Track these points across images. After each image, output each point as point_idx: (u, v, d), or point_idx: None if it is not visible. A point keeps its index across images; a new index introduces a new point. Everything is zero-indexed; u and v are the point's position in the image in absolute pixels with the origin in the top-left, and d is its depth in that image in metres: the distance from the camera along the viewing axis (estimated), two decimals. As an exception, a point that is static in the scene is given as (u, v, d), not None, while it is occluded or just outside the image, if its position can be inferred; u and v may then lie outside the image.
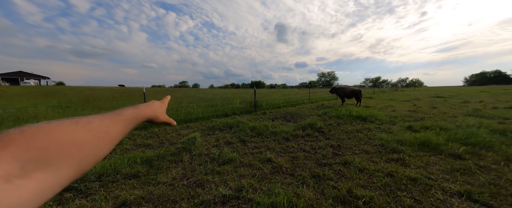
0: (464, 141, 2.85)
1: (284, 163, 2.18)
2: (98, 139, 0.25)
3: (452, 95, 12.52)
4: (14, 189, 0.16)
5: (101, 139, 0.26)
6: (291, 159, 2.36)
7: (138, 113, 0.35)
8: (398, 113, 5.87)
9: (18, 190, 0.17)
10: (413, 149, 2.67)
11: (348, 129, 3.88)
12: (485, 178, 1.88)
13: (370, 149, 2.71)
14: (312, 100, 9.60)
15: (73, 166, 0.22)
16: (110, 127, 0.28)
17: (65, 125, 0.23)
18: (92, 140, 0.25)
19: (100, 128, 0.26)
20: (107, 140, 0.27)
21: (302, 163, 2.23)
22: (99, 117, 0.28)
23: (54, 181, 0.20)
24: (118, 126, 0.29)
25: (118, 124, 0.29)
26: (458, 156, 2.41)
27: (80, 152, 0.23)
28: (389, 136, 3.27)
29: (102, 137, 0.26)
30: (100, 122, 0.27)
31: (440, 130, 3.53)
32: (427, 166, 2.18)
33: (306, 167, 2.13)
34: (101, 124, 0.27)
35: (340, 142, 3.08)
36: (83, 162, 0.23)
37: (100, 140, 0.26)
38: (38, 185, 0.18)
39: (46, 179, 0.19)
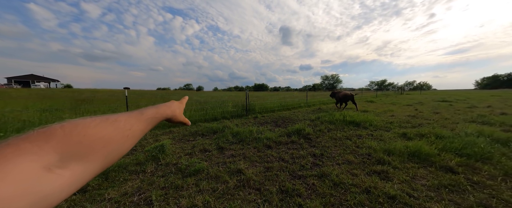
0: (460, 152, 2.61)
1: (254, 176, 2.02)
2: (123, 136, 0.27)
3: (459, 100, 11.97)
4: (53, 177, 0.18)
5: (125, 136, 0.27)
6: (264, 170, 2.19)
7: (158, 112, 0.37)
8: (396, 118, 5.58)
9: (57, 178, 0.19)
10: (401, 160, 2.45)
11: (337, 136, 3.67)
12: (475, 197, 1.66)
13: (354, 159, 2.51)
14: (309, 104, 9.36)
15: (100, 160, 0.24)
16: (133, 125, 0.29)
17: (96, 122, 0.25)
18: (118, 137, 0.26)
19: (125, 126, 0.28)
20: (130, 137, 0.28)
21: (274, 175, 2.06)
22: (125, 115, 0.30)
23: (85, 172, 0.22)
24: (141, 124, 0.31)
25: (140, 122, 0.31)
26: (450, 169, 2.18)
27: (106, 147, 0.25)
28: (378, 144, 3.05)
29: (126, 134, 0.28)
30: (125, 120, 0.29)
31: (435, 138, 3.27)
32: (412, 180, 1.97)
33: (277, 180, 1.96)
34: (126, 122, 0.28)
35: (325, 150, 2.88)
36: (108, 156, 0.25)
37: (124, 137, 0.27)
38: (72, 175, 0.20)
39: (79, 170, 0.21)
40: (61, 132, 0.21)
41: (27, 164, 0.17)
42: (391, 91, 38.44)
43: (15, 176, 0.16)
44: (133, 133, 0.29)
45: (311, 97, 13.40)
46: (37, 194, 0.17)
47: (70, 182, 0.20)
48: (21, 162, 0.17)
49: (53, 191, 0.18)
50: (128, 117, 0.30)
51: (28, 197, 0.16)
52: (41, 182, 0.17)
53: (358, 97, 15.91)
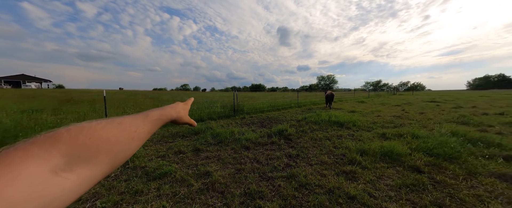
0: (431, 151, 2.66)
1: (221, 178, 2.00)
2: (128, 138, 0.27)
3: (447, 100, 12.22)
4: (60, 181, 0.19)
5: (131, 138, 0.28)
6: (235, 172, 2.18)
7: (163, 114, 0.37)
8: (381, 119, 5.66)
9: (63, 182, 0.19)
10: (373, 160, 2.48)
11: (318, 136, 3.70)
12: (432, 197, 1.69)
13: (328, 160, 2.53)
14: (300, 105, 9.40)
15: (106, 162, 0.24)
16: (139, 127, 0.30)
17: (102, 125, 0.25)
18: (124, 139, 0.27)
19: (130, 128, 0.28)
20: (136, 139, 0.29)
21: (243, 177, 2.05)
22: (130, 117, 0.30)
23: (91, 175, 0.22)
24: (146, 126, 0.31)
25: (146, 124, 0.31)
26: (417, 168, 2.22)
27: (113, 149, 0.25)
28: (356, 145, 3.08)
29: (132, 136, 0.28)
30: (131, 122, 0.29)
31: (412, 138, 3.33)
32: (378, 180, 2.00)
33: (245, 182, 1.95)
34: (132, 124, 0.29)
35: (302, 151, 2.90)
36: (115, 158, 0.25)
37: (130, 139, 0.28)
38: (79, 178, 0.21)
39: (86, 173, 0.21)
40: (67, 136, 0.21)
41: (35, 168, 0.17)
42: (384, 92, 39.00)
43: (23, 180, 0.16)
44: (138, 135, 0.29)
45: (304, 98, 13.48)
46: (45, 198, 0.17)
47: (76, 185, 0.20)
48: (28, 166, 0.17)
49: (60, 194, 0.19)
50: (134, 119, 0.30)
51: (36, 201, 0.16)
52: (48, 185, 0.18)
53: (351, 98, 16.08)
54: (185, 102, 0.50)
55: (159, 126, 0.35)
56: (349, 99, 14.13)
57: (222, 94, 25.43)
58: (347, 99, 14.41)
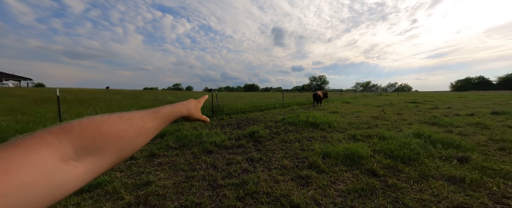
0: (392, 153, 2.65)
1: (161, 189, 1.85)
2: (136, 133, 0.28)
3: (427, 101, 12.69)
4: (68, 169, 0.20)
5: (138, 133, 0.29)
6: (183, 180, 2.03)
7: (174, 110, 0.38)
8: (359, 119, 5.72)
9: (71, 170, 0.21)
10: (334, 163, 2.43)
11: (289, 138, 3.63)
12: (377, 203, 1.64)
13: (289, 164, 2.45)
14: (285, 105, 9.38)
15: (113, 154, 0.25)
16: (147, 123, 0.31)
17: (112, 119, 0.26)
18: (131, 133, 0.28)
19: (139, 123, 0.29)
20: (144, 134, 0.30)
21: (188, 186, 1.90)
22: (140, 113, 0.31)
23: (98, 165, 0.24)
24: (155, 121, 0.33)
25: (154, 120, 0.33)
26: (373, 172, 2.18)
27: (120, 143, 0.26)
28: (323, 147, 3.03)
29: (140, 131, 0.29)
30: (140, 117, 0.30)
31: (378, 140, 3.34)
32: (330, 185, 1.93)
33: (187, 193, 1.79)
34: (140, 119, 0.30)
35: (266, 154, 2.81)
36: (121, 152, 0.26)
37: (137, 134, 0.29)
38: (86, 167, 0.22)
39: (92, 163, 0.23)
40: (79, 127, 0.23)
41: (47, 154, 0.19)
42: (370, 92, 40.23)
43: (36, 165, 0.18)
44: (146, 130, 0.30)
45: (292, 98, 13.51)
46: (53, 183, 0.19)
47: (83, 173, 0.22)
48: (42, 152, 0.19)
49: (67, 181, 0.20)
50: (143, 114, 0.31)
51: (46, 185, 0.18)
52: (57, 172, 0.19)
53: (337, 98, 16.35)
54: (198, 100, 0.51)
55: (169, 122, 0.37)
56: (335, 100, 14.34)
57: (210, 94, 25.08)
58: (334, 99, 14.61)
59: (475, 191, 1.78)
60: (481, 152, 2.75)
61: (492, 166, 2.26)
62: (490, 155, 2.65)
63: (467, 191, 1.79)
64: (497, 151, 2.83)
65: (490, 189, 1.81)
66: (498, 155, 2.67)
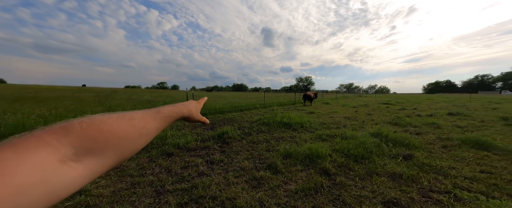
0: (348, 152, 2.79)
1: (96, 198, 1.72)
2: (137, 134, 0.28)
3: (398, 102, 13.71)
4: (67, 170, 0.20)
5: (139, 133, 0.28)
6: (127, 187, 1.90)
7: (175, 111, 0.38)
8: (332, 120, 5.96)
9: (70, 171, 0.20)
10: (293, 163, 2.49)
11: (258, 139, 3.66)
12: (319, 201, 1.71)
13: (249, 165, 2.45)
14: (266, 105, 9.47)
15: (114, 155, 0.25)
16: (148, 123, 0.30)
17: (113, 119, 0.26)
18: (132, 134, 0.27)
19: (140, 124, 0.29)
20: (145, 135, 0.29)
21: (130, 194, 1.78)
22: (141, 113, 0.31)
23: (98, 166, 0.23)
24: (156, 122, 0.32)
25: (156, 120, 0.32)
26: (326, 171, 2.28)
27: (121, 144, 0.26)
28: (288, 147, 3.09)
29: (141, 132, 0.29)
30: (141, 118, 0.30)
31: (341, 139, 3.51)
32: (282, 186, 1.97)
33: (126, 201, 1.68)
34: (142, 120, 0.30)
35: (230, 155, 2.79)
36: (123, 152, 0.26)
37: (139, 135, 0.28)
38: (86, 168, 0.22)
39: (92, 164, 0.22)
40: (79, 127, 0.22)
41: (45, 155, 0.19)
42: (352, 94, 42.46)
43: (33, 166, 0.17)
44: (147, 131, 0.30)
45: (275, 98, 13.69)
46: (51, 184, 0.18)
47: (82, 175, 0.21)
48: (40, 153, 0.18)
49: (66, 182, 0.19)
50: (144, 114, 0.31)
51: (42, 186, 0.17)
52: (56, 173, 0.19)
53: (319, 99, 16.94)
54: (198, 101, 0.52)
55: (169, 123, 0.36)
56: (316, 101, 14.84)
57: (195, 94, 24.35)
58: (316, 100, 15.11)
59: (409, 186, 1.94)
60: (426, 150, 3.02)
61: (430, 162, 2.49)
62: (433, 152, 2.93)
63: (402, 186, 1.94)
64: (440, 148, 3.14)
65: (421, 184, 1.99)
66: (440, 152, 2.96)
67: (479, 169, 2.33)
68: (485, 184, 1.97)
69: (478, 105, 11.17)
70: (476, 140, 3.22)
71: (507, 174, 2.16)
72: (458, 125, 5.00)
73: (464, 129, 4.59)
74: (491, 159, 2.64)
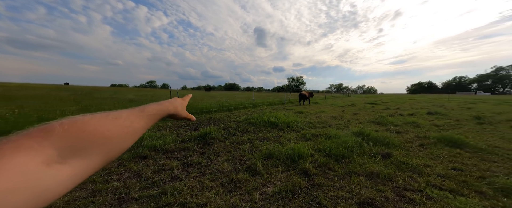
0: (330, 152, 2.79)
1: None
2: (123, 133, 0.28)
3: (384, 102, 14.25)
4: (53, 172, 0.20)
5: (125, 132, 0.28)
6: (85, 196, 1.70)
7: (160, 109, 0.38)
8: (319, 119, 6.02)
9: (56, 173, 0.20)
10: (274, 164, 2.43)
11: (242, 139, 3.57)
12: (294, 204, 1.66)
13: (228, 167, 2.36)
14: (255, 105, 9.40)
15: (101, 155, 0.25)
16: (134, 122, 0.30)
17: (96, 119, 0.26)
18: (118, 133, 0.27)
19: (125, 123, 0.29)
20: (131, 133, 0.29)
21: (87, 203, 1.61)
22: (126, 111, 0.31)
23: (85, 167, 0.23)
24: (141, 120, 0.32)
25: (141, 119, 0.32)
26: (306, 171, 2.24)
27: (106, 143, 0.25)
28: (271, 148, 3.02)
29: (126, 131, 0.29)
30: (126, 117, 0.30)
31: (324, 139, 3.52)
32: (259, 188, 1.90)
33: None
34: (127, 119, 0.30)
35: (209, 157, 2.67)
36: (109, 152, 0.26)
37: (124, 134, 0.28)
38: (72, 170, 0.21)
39: (79, 165, 0.22)
40: (60, 128, 0.22)
41: (26, 160, 0.18)
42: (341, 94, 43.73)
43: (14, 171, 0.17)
44: (133, 130, 0.30)
45: (265, 98, 13.67)
46: (36, 188, 0.18)
47: (70, 176, 0.21)
48: (19, 157, 0.18)
49: (52, 185, 0.19)
50: (129, 113, 0.31)
51: (27, 191, 0.17)
52: (40, 176, 0.18)
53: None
54: (183, 98, 0.52)
55: (155, 121, 0.36)
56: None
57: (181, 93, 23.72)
58: (305, 100, 15.30)
59: (385, 185, 1.95)
60: (404, 148, 3.10)
61: (407, 161, 2.54)
62: (410, 151, 3.01)
63: (378, 185, 1.95)
64: (417, 146, 3.24)
65: (397, 182, 2.01)
66: (417, 150, 3.05)
67: (451, 166, 2.41)
68: (455, 181, 2.03)
69: (455, 105, 11.89)
70: (450, 138, 3.36)
71: (476, 171, 2.25)
72: (435, 124, 5.24)
73: (440, 127, 4.81)
74: (462, 156, 2.75)
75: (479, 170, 2.28)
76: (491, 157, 2.72)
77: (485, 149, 3.04)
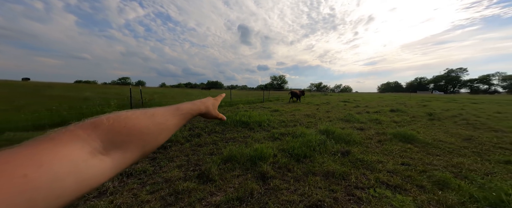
0: (292, 152, 2.73)
1: None
2: (159, 129, 0.30)
3: (355, 100, 15.25)
4: (96, 162, 0.22)
5: (160, 129, 0.30)
6: None
7: (193, 108, 0.40)
8: (293, 117, 6.06)
9: (99, 163, 0.22)
10: (231, 168, 2.26)
11: (206, 141, 3.34)
12: (241, 212, 1.52)
13: (177, 174, 2.12)
14: (232, 103, 9.16)
15: (138, 149, 0.27)
16: (168, 120, 0.32)
17: (136, 115, 0.28)
18: (154, 129, 0.29)
19: (160, 120, 0.31)
20: (165, 130, 0.31)
21: None
22: (162, 109, 0.33)
23: (124, 159, 0.25)
24: (175, 118, 0.34)
25: (175, 117, 0.34)
26: (263, 175, 2.12)
27: (143, 138, 0.27)
28: (234, 149, 2.85)
29: (161, 128, 0.31)
30: (162, 114, 0.32)
31: (292, 138, 3.49)
32: (207, 198, 1.71)
33: None
34: (162, 116, 0.32)
35: (160, 163, 2.39)
36: (145, 146, 0.28)
37: (159, 130, 0.30)
38: (113, 161, 0.23)
39: (119, 157, 0.24)
40: (107, 122, 0.24)
41: (78, 148, 0.21)
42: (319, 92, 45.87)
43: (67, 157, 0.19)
44: (167, 126, 0.32)
45: (244, 96, 13.48)
46: (82, 175, 0.20)
47: (110, 167, 0.23)
48: (74, 146, 0.20)
49: (95, 173, 0.21)
50: (165, 111, 0.33)
51: (75, 177, 0.19)
52: (86, 165, 0.20)
53: (288, 97, 17.54)
54: (216, 98, 0.54)
55: (188, 119, 0.38)
56: (285, 99, 15.30)
57: (155, 91, 22.24)
58: (284, 98, 15.57)
59: (338, 185, 1.94)
60: (364, 145, 3.22)
61: (363, 158, 2.62)
62: (369, 147, 3.13)
63: (332, 185, 1.93)
64: (376, 143, 3.40)
65: (350, 181, 2.02)
66: (374, 146, 3.19)
67: (400, 161, 2.55)
68: (402, 176, 2.12)
69: (414, 103, 13.30)
70: (404, 134, 3.62)
71: (420, 165, 2.41)
72: (394, 120, 5.69)
73: (398, 124, 5.23)
74: (412, 151, 2.96)
75: (423, 164, 2.45)
76: (435, 151, 2.97)
77: (431, 143, 3.33)
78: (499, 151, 3.02)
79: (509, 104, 12.69)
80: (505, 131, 4.33)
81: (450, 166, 2.41)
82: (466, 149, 3.10)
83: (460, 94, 74.60)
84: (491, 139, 3.68)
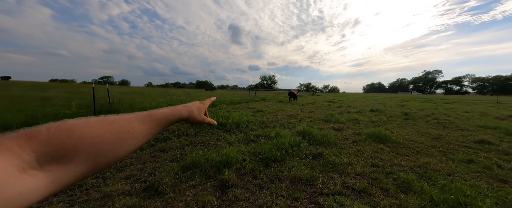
0: (263, 155, 2.58)
1: None
2: (118, 138, 0.26)
3: (340, 100, 15.65)
4: (26, 178, 0.19)
5: (121, 138, 0.27)
6: None
7: (171, 113, 0.36)
8: (275, 118, 5.95)
9: (29, 179, 0.19)
10: (190, 177, 2.05)
11: (173, 145, 3.07)
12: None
13: (122, 188, 1.88)
14: (214, 104, 8.87)
15: (87, 162, 0.23)
16: (135, 127, 0.29)
17: (88, 123, 0.25)
18: (111, 138, 0.26)
19: (123, 128, 0.27)
20: (130, 139, 0.28)
21: None
22: (128, 115, 0.29)
23: (66, 174, 0.22)
24: (145, 125, 0.30)
25: (145, 123, 0.30)
26: (224, 183, 1.94)
27: (95, 149, 0.24)
28: (201, 154, 2.63)
29: (123, 137, 0.27)
30: (125, 121, 0.28)
31: (266, 140, 3.35)
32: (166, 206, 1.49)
33: None
34: (127, 123, 0.28)
35: (105, 175, 2.11)
36: (98, 159, 0.24)
37: (120, 139, 0.27)
38: (49, 176, 0.21)
39: (58, 173, 0.21)
40: (45, 133, 0.21)
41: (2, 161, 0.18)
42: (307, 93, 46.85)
43: None
44: (132, 135, 0.28)
45: (230, 96, 13.19)
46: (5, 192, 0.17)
47: (45, 183, 0.20)
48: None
49: (23, 191, 0.18)
50: (132, 118, 0.29)
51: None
52: (11, 181, 0.18)
53: (276, 97, 17.55)
54: (203, 101, 0.50)
55: (165, 126, 0.34)
56: (272, 99, 15.28)
57: (134, 90, 21.14)
58: (270, 98, 15.54)
59: (302, 191, 1.81)
60: (338, 146, 3.17)
61: (335, 160, 2.54)
62: (343, 148, 3.08)
63: (296, 192, 1.80)
64: (350, 143, 3.37)
65: (316, 186, 1.91)
66: (348, 147, 3.15)
67: (371, 162, 2.51)
68: (369, 179, 2.06)
69: (393, 103, 13.94)
70: (378, 134, 3.65)
71: (389, 166, 2.38)
72: (372, 120, 5.82)
73: (375, 123, 5.33)
74: (383, 151, 2.95)
75: (391, 165, 2.42)
76: (405, 151, 3.00)
77: (402, 143, 3.38)
78: (463, 149, 3.13)
79: (475, 104, 13.81)
80: (470, 130, 4.58)
81: (417, 166, 2.41)
82: (434, 148, 3.18)
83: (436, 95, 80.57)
84: (457, 137, 3.84)
